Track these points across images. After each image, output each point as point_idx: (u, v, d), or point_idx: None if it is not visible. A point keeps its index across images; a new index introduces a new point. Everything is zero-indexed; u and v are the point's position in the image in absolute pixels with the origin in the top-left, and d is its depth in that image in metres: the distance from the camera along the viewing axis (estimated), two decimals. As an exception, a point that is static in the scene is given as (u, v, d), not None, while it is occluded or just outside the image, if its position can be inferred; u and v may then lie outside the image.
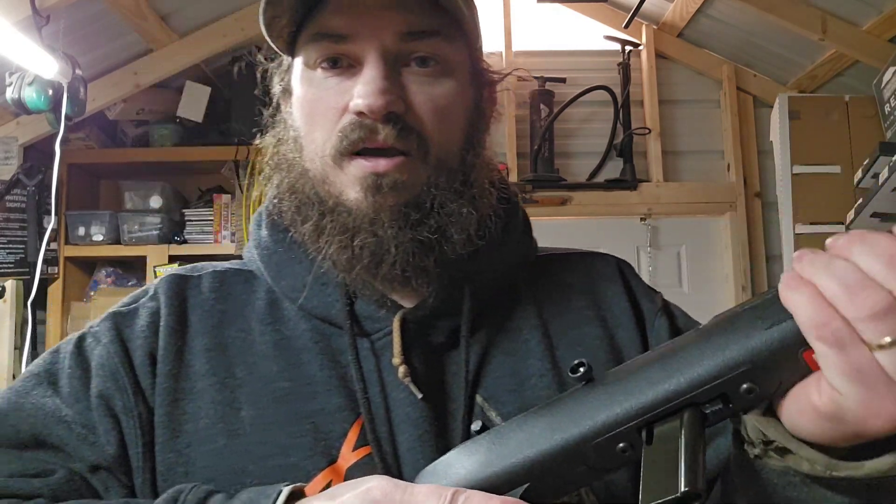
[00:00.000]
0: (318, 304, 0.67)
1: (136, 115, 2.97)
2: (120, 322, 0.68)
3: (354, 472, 0.60)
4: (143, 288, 0.73)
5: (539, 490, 0.50)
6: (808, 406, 0.43)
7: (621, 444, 0.48)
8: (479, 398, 0.65)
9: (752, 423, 0.48)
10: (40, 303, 2.72)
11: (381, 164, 0.61)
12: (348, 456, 0.61)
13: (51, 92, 2.12)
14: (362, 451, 0.61)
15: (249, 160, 2.75)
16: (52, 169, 2.16)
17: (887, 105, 2.43)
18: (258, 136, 0.72)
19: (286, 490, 0.51)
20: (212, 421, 0.63)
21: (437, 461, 0.53)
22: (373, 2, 0.61)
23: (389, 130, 0.60)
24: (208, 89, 2.92)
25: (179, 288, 0.70)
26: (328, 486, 0.60)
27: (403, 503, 0.46)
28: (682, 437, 0.46)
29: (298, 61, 0.66)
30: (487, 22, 3.22)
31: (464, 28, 0.65)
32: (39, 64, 2.03)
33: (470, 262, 0.66)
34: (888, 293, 0.39)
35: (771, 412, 0.47)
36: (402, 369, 0.63)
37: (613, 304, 0.73)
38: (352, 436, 0.62)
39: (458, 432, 0.63)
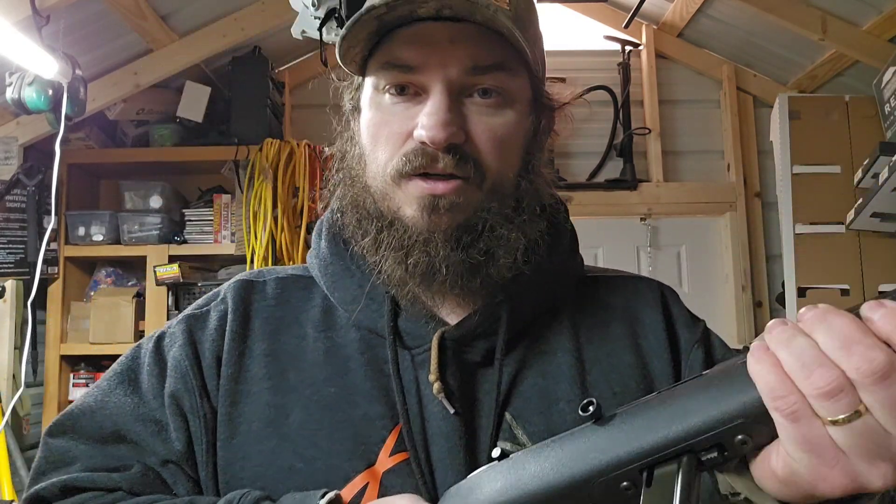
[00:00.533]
0: (366, 317, 0.72)
1: (136, 115, 2.97)
2: (193, 325, 0.75)
3: (391, 476, 0.65)
4: (215, 291, 0.79)
5: None
6: (767, 468, 0.46)
7: (624, 483, 0.51)
8: (507, 416, 0.68)
9: (723, 477, 0.51)
10: (40, 303, 2.72)
11: (440, 186, 0.65)
12: (385, 461, 0.66)
13: (51, 92, 2.12)
14: (398, 458, 0.66)
15: (249, 160, 2.75)
16: (52, 169, 2.15)
17: (887, 105, 2.43)
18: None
19: (326, 499, 0.57)
20: (263, 424, 0.69)
21: (460, 483, 0.57)
22: (441, 35, 0.65)
23: (449, 160, 0.65)
24: (208, 89, 2.92)
25: (246, 293, 0.76)
26: (365, 487, 0.65)
27: None
28: (678, 482, 0.49)
29: (368, 83, 0.70)
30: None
31: (526, 59, 0.68)
32: (39, 64, 2.03)
33: (512, 285, 0.70)
34: (840, 373, 0.41)
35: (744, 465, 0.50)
36: (436, 385, 0.67)
37: (650, 332, 0.75)
38: (389, 442, 0.66)
39: (486, 447, 0.66)
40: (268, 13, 2.74)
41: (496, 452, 0.56)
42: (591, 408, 0.52)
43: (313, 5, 1.66)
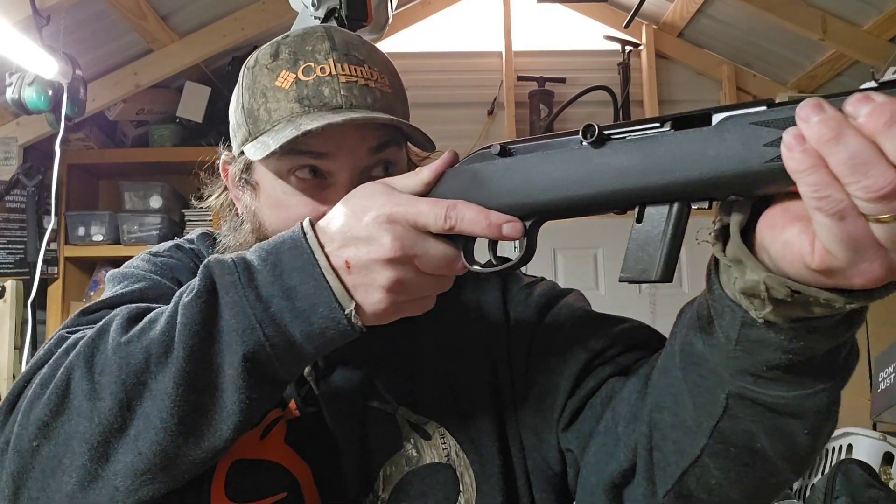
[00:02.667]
0: None
1: (135, 116, 2.97)
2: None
3: (294, 422, 0.77)
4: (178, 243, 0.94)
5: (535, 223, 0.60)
6: (797, 258, 0.45)
7: (616, 210, 0.56)
8: (377, 384, 0.79)
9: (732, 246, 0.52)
10: (40, 303, 2.72)
11: None
12: (292, 411, 0.78)
13: (51, 92, 2.12)
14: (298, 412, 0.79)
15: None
16: (51, 169, 2.16)
17: (887, 105, 2.44)
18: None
19: (307, 221, 0.62)
20: None
21: (459, 167, 0.64)
22: (349, 128, 0.72)
23: None
24: (208, 89, 2.92)
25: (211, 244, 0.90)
26: (277, 419, 0.76)
27: (409, 216, 0.58)
28: (668, 228, 0.53)
29: (270, 164, 0.75)
30: (487, 22, 3.23)
31: (403, 130, 0.77)
32: (39, 64, 2.03)
33: None
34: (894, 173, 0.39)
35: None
36: (307, 370, 0.78)
37: (490, 304, 0.85)
38: (292, 404, 0.79)
39: (361, 407, 0.78)
40: (268, 13, 2.74)
41: (495, 148, 0.61)
42: (589, 133, 0.54)
43: (313, 5, 1.66)
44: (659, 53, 3.25)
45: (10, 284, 2.59)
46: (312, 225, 0.61)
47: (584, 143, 0.54)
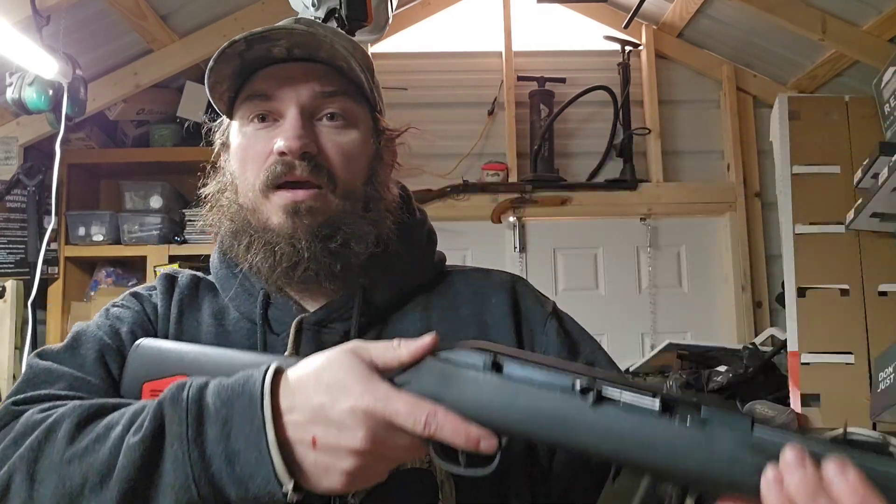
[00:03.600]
0: (245, 308, 0.85)
1: (136, 115, 2.97)
2: (127, 304, 0.90)
3: None
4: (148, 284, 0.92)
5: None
6: None
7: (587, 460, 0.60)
8: None
9: None
10: (40, 303, 2.72)
11: (300, 194, 0.78)
12: None
13: (51, 92, 2.12)
14: None
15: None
16: (52, 169, 2.16)
17: (887, 105, 2.44)
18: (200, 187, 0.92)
19: (273, 365, 0.63)
20: None
21: (452, 355, 0.63)
22: (293, 70, 0.80)
23: (305, 166, 0.77)
24: (208, 89, 2.92)
25: (169, 284, 0.89)
26: None
27: (387, 414, 0.59)
28: (638, 497, 0.56)
29: (236, 120, 0.84)
30: (487, 22, 3.23)
31: (365, 94, 0.83)
32: (40, 64, 2.03)
33: (368, 275, 0.82)
34: None
35: None
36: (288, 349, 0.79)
37: (495, 309, 0.86)
38: None
39: None
40: (268, 13, 2.74)
41: (487, 359, 0.61)
42: (590, 393, 0.57)
43: (313, 5, 1.66)
44: (659, 53, 3.25)
45: (10, 284, 2.59)
46: (275, 378, 0.62)
47: (580, 397, 0.57)
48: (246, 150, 0.81)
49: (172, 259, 2.79)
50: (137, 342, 0.78)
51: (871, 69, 2.62)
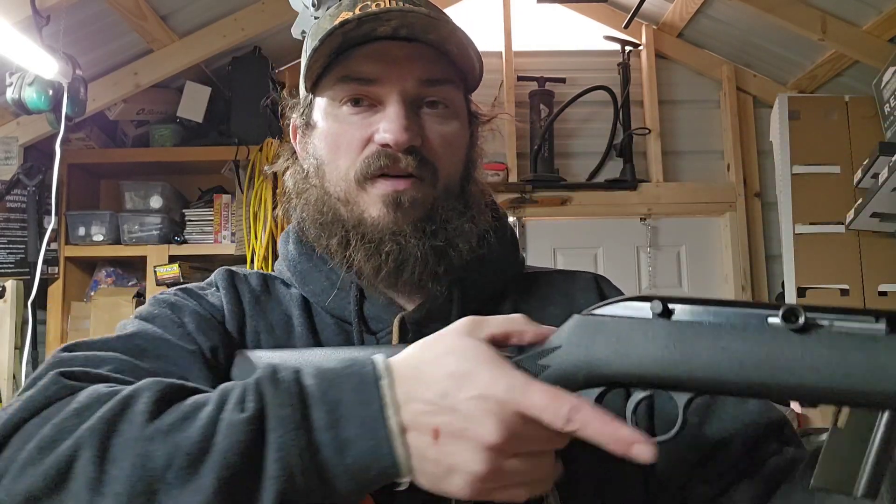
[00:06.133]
0: (336, 306, 0.78)
1: (136, 116, 2.97)
2: (192, 294, 0.78)
3: None
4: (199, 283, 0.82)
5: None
6: None
7: (804, 403, 0.49)
8: None
9: None
10: (40, 303, 2.72)
11: (401, 183, 0.73)
12: None
13: (51, 92, 2.12)
14: None
15: (249, 160, 2.76)
16: (52, 169, 2.16)
17: (887, 105, 2.44)
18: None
19: (381, 361, 0.55)
20: None
21: (598, 313, 0.55)
22: (397, 52, 0.73)
23: (410, 160, 0.72)
24: (208, 89, 2.92)
25: (231, 279, 0.80)
26: None
27: (522, 407, 0.50)
28: (876, 438, 0.46)
29: (322, 99, 0.77)
30: (487, 22, 3.23)
31: (466, 79, 0.78)
32: (40, 64, 2.03)
33: (465, 271, 0.77)
34: None
35: None
36: None
37: (584, 306, 0.77)
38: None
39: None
40: (267, 13, 2.74)
41: (656, 306, 0.53)
42: (798, 318, 0.48)
43: (313, 5, 1.66)
44: (659, 53, 3.25)
45: (10, 284, 2.59)
46: (389, 369, 0.54)
47: (783, 325, 0.48)
48: (339, 136, 0.75)
49: (172, 259, 2.79)
50: (239, 352, 0.70)
51: (871, 69, 2.62)
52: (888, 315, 0.47)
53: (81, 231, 2.81)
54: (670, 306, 0.52)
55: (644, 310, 0.53)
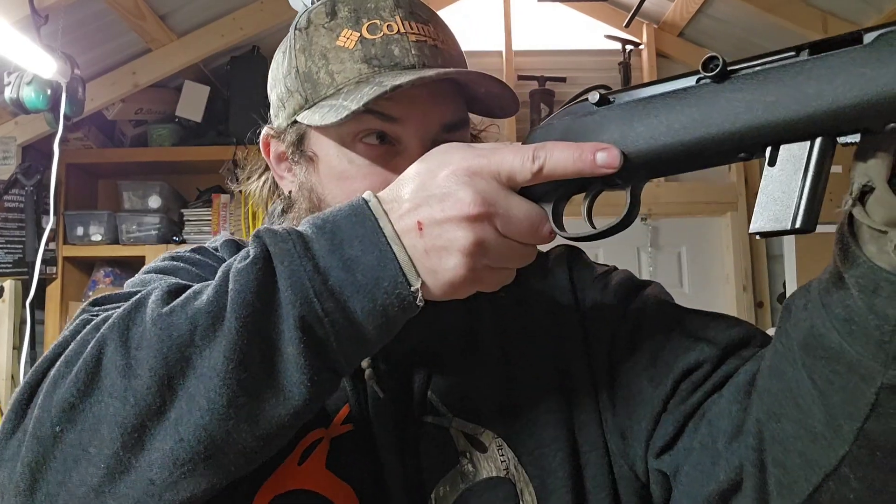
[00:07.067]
0: None
1: (134, 115, 2.96)
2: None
3: (339, 441, 0.70)
4: (202, 247, 0.82)
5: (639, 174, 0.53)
6: None
7: (742, 154, 0.48)
8: (431, 396, 0.72)
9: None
10: (39, 303, 2.71)
11: None
12: (337, 427, 0.71)
13: (49, 91, 2.11)
14: (346, 427, 0.71)
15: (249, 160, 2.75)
16: (50, 169, 2.15)
17: (888, 105, 2.44)
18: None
19: (367, 191, 0.56)
20: None
21: (556, 121, 0.57)
22: (422, 92, 0.66)
23: None
24: (207, 89, 2.91)
25: (236, 249, 0.80)
26: (319, 440, 0.69)
27: (492, 165, 0.52)
28: (810, 168, 0.45)
29: (332, 131, 0.69)
30: (487, 21, 3.23)
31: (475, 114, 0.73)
32: (38, 63, 2.03)
33: None
34: None
35: None
36: (368, 372, 0.71)
37: (559, 295, 0.79)
38: (342, 413, 0.71)
39: (413, 423, 0.71)
40: (266, 13, 2.73)
41: (593, 97, 0.54)
42: (714, 64, 0.47)
43: (313, 5, 1.65)
44: (659, 53, 3.24)
45: (8, 284, 2.59)
46: (374, 194, 0.55)
47: (704, 78, 0.48)
48: (355, 182, 0.68)
49: (171, 259, 2.78)
50: None
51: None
52: (810, 45, 0.45)
53: (79, 231, 2.81)
54: (610, 96, 0.54)
55: (587, 106, 0.55)
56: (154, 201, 2.84)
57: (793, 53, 0.46)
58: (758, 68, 0.47)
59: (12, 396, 0.56)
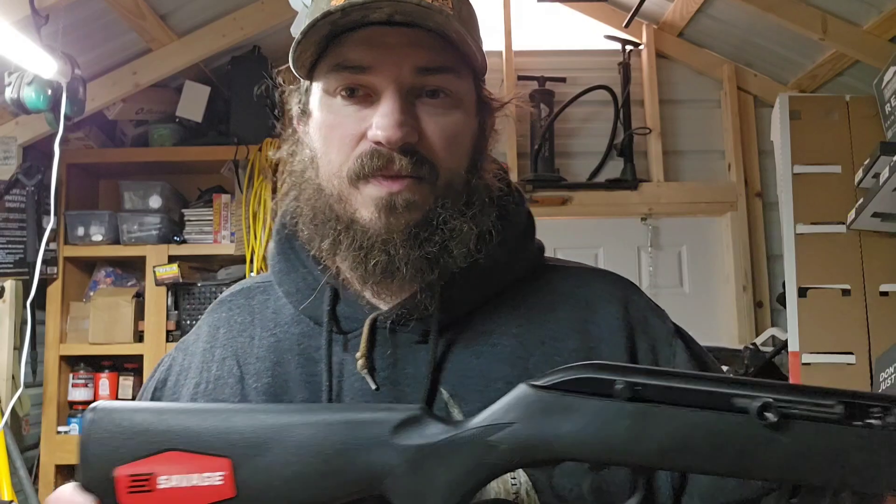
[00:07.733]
0: (309, 306, 0.75)
1: (135, 115, 2.96)
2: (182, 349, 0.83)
3: None
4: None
5: None
6: None
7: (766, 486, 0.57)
8: (444, 392, 0.69)
9: None
10: (39, 303, 2.71)
11: (396, 185, 0.67)
12: None
13: (50, 92, 2.11)
14: None
15: (249, 160, 2.75)
16: (51, 169, 2.15)
17: (888, 105, 2.43)
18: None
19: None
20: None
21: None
22: (392, 39, 0.66)
23: (405, 161, 0.66)
24: (207, 89, 2.91)
25: (216, 313, 0.81)
26: None
27: None
28: None
29: (318, 86, 0.71)
30: (487, 22, 3.23)
31: (471, 63, 0.72)
32: (38, 63, 2.03)
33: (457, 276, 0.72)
34: None
35: None
36: (360, 362, 0.70)
37: (602, 320, 0.74)
38: None
39: None
40: (267, 13, 2.73)
41: (625, 392, 0.51)
42: (769, 413, 0.49)
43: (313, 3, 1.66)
44: (659, 53, 3.24)
45: (9, 284, 2.59)
46: None
47: (753, 417, 0.49)
48: (331, 129, 0.69)
49: (172, 259, 2.78)
50: (93, 406, 0.59)
51: (872, 69, 2.61)
52: (844, 400, 0.49)
53: (80, 231, 2.81)
54: (636, 387, 0.51)
55: (607, 385, 0.51)
56: (155, 201, 2.84)
57: (831, 403, 0.50)
58: (796, 412, 0.50)
59: None
